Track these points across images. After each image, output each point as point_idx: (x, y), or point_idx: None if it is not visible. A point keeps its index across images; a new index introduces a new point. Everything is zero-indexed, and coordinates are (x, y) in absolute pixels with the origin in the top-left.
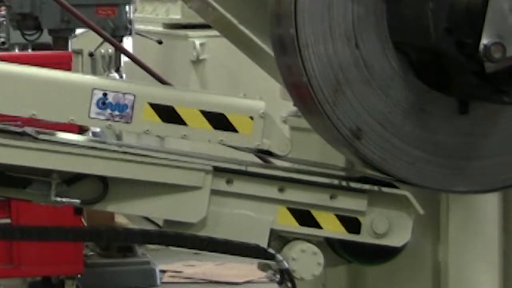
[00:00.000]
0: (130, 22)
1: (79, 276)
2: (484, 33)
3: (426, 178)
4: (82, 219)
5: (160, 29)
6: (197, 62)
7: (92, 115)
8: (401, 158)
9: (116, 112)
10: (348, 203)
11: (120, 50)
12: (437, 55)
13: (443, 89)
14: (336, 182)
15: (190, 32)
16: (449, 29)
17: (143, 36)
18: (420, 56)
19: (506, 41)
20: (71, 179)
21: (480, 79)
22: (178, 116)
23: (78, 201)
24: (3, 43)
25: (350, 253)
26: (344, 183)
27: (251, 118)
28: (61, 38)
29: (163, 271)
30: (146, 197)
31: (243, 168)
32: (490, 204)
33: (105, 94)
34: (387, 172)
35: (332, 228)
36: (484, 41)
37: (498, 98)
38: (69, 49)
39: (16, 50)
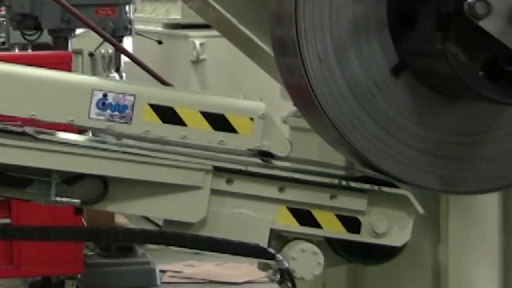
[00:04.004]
0: (130, 22)
1: (79, 276)
2: None
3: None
4: (82, 219)
5: (160, 29)
6: (197, 62)
7: (92, 115)
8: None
9: (116, 113)
10: (348, 202)
11: (120, 50)
12: None
13: (395, 27)
14: (336, 181)
15: (190, 32)
16: None
17: (143, 36)
18: None
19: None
20: (71, 179)
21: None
22: (178, 117)
23: (78, 201)
24: (3, 43)
25: (350, 252)
26: (344, 183)
27: (251, 119)
28: (61, 38)
29: (163, 271)
30: (146, 197)
31: (243, 168)
32: (490, 204)
33: (105, 95)
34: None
35: (332, 227)
36: None
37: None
38: (69, 49)
39: (16, 50)
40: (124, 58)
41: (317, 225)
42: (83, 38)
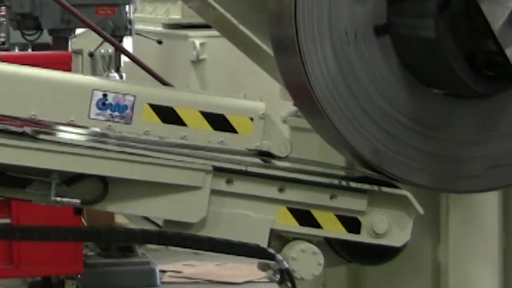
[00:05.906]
0: (130, 22)
1: (79, 276)
2: None
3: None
4: (82, 219)
5: (160, 29)
6: (197, 62)
7: (92, 115)
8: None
9: (116, 113)
10: (348, 203)
11: (120, 50)
12: None
13: None
14: (336, 182)
15: (190, 32)
16: None
17: (143, 36)
18: None
19: None
20: (71, 179)
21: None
22: (178, 117)
23: (78, 201)
24: (3, 43)
25: (350, 253)
26: (344, 183)
27: (251, 119)
28: (61, 38)
29: (163, 271)
30: (146, 197)
31: (243, 168)
32: (490, 204)
33: (105, 95)
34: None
35: (332, 228)
36: None
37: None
38: (69, 49)
39: (16, 50)
40: (124, 58)
41: (317, 225)
42: (83, 38)
